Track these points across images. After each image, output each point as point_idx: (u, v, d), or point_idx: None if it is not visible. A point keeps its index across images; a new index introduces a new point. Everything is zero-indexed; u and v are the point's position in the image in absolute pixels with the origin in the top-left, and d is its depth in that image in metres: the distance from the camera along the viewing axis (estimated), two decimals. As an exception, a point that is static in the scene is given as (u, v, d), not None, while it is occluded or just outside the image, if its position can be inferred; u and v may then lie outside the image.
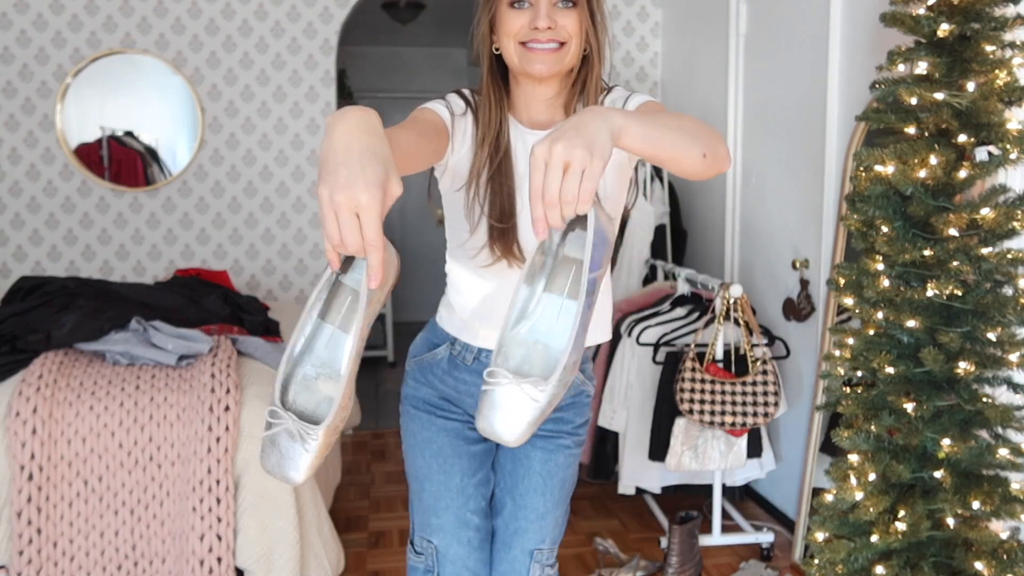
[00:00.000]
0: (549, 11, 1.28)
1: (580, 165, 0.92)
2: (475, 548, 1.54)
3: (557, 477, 1.53)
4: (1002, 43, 1.79)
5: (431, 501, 1.53)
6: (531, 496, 1.52)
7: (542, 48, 1.29)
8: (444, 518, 1.52)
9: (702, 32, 3.96)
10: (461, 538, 1.52)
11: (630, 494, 3.09)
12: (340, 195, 0.88)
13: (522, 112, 1.40)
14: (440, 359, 1.51)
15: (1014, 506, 1.82)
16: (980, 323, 1.81)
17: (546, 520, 1.54)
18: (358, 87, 6.74)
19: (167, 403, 2.26)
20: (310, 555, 2.30)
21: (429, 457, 1.52)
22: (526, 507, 1.53)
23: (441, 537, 1.52)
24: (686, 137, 1.08)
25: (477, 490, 1.53)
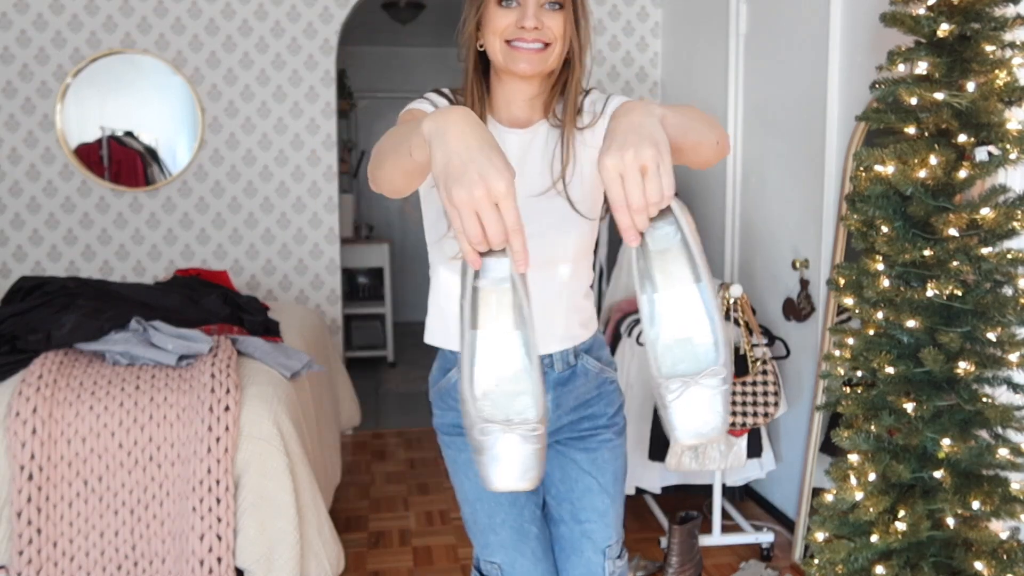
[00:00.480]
0: (536, 11, 1.30)
1: (654, 164, 0.93)
2: (540, 559, 1.52)
3: (608, 472, 1.52)
4: (1002, 43, 1.79)
5: (486, 520, 1.51)
6: (588, 497, 1.51)
7: (527, 47, 1.31)
8: (502, 533, 1.50)
9: (702, 32, 3.96)
10: (524, 551, 1.50)
11: (630, 494, 3.08)
12: (478, 191, 0.89)
13: (502, 110, 1.41)
14: (454, 383, 1.50)
15: (1014, 506, 1.82)
16: (980, 323, 1.81)
17: (608, 517, 1.53)
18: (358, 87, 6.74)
19: (167, 403, 2.26)
20: (310, 555, 2.30)
21: (474, 476, 1.48)
22: (586, 509, 1.52)
23: (504, 554, 1.50)
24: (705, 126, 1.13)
25: (529, 499, 1.51)
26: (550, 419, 1.46)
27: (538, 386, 1.00)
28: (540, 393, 1.00)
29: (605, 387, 1.53)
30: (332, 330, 4.38)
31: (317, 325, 3.59)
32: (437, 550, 3.01)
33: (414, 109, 1.35)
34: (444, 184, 0.92)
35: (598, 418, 1.52)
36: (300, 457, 2.35)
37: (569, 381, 1.49)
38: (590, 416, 1.51)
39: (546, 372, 1.47)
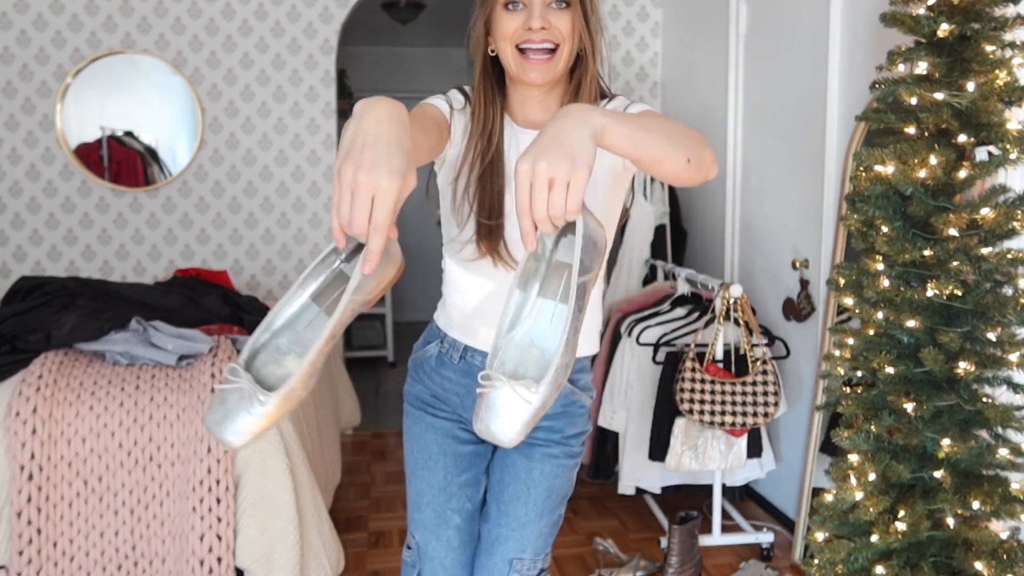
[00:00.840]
0: (543, 11, 1.29)
1: (565, 179, 0.94)
2: (453, 548, 1.53)
3: (542, 487, 1.50)
4: (1002, 43, 1.79)
5: (415, 496, 1.55)
6: (514, 504, 1.50)
7: (537, 48, 1.30)
8: (425, 513, 1.54)
9: (702, 32, 3.96)
10: (440, 536, 1.53)
11: (630, 494, 3.09)
12: (363, 175, 0.91)
13: (518, 112, 1.41)
14: (430, 356, 1.53)
15: (1014, 506, 1.82)
16: (980, 323, 1.81)
17: (527, 530, 1.50)
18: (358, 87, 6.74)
19: (167, 403, 2.26)
20: (310, 555, 2.30)
21: (416, 453, 1.54)
22: (508, 514, 1.51)
23: (422, 533, 1.55)
24: (670, 141, 1.09)
25: (461, 490, 1.53)
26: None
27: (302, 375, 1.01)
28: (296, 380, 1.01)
29: (572, 408, 1.50)
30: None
31: (317, 325, 3.58)
32: (437, 550, 3.01)
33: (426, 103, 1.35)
34: (340, 157, 0.93)
35: (553, 432, 1.49)
36: (300, 457, 2.35)
37: None
38: (546, 428, 1.49)
39: None
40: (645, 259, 3.62)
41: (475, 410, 1.06)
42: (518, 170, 0.95)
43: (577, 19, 1.32)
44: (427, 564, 1.55)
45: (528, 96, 1.39)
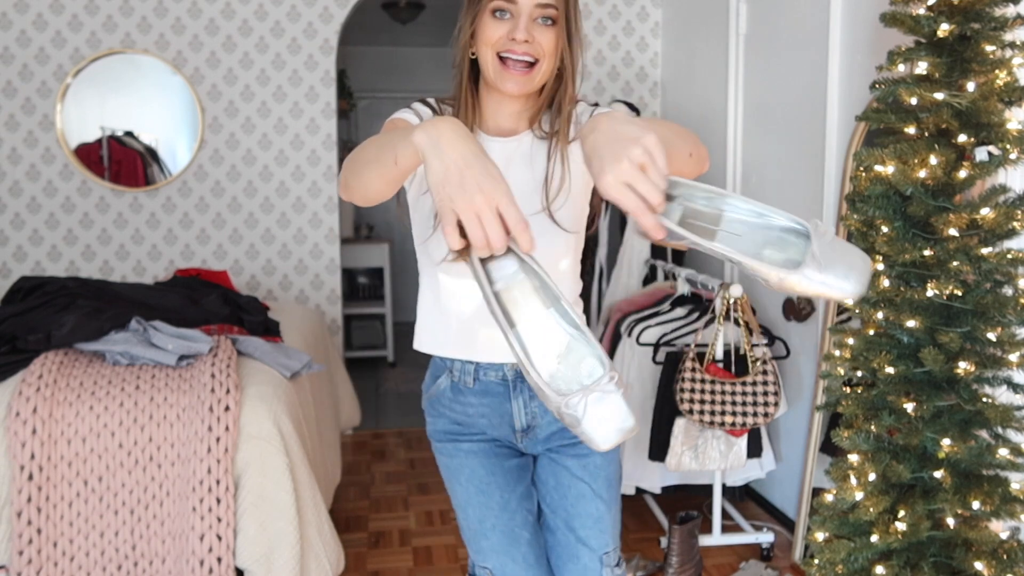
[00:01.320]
0: (528, 25, 1.31)
1: (646, 156, 0.96)
2: (531, 565, 1.49)
3: (601, 478, 1.50)
4: (1002, 43, 1.79)
5: (476, 524, 1.50)
6: (582, 504, 1.49)
7: (517, 60, 1.32)
8: (493, 538, 1.49)
9: (702, 32, 3.96)
10: (515, 556, 1.49)
11: (630, 494, 3.09)
12: (479, 197, 0.95)
13: (488, 119, 1.43)
14: (443, 389, 1.51)
15: (1014, 506, 1.82)
16: (980, 323, 1.81)
17: (604, 522, 1.50)
18: (358, 87, 6.74)
19: (167, 403, 2.26)
20: (310, 555, 2.30)
21: (465, 482, 1.50)
22: (581, 515, 1.49)
23: (495, 559, 1.49)
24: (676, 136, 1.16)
25: (521, 504, 1.50)
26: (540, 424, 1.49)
27: (592, 344, 1.05)
28: (597, 349, 1.05)
29: None
30: (332, 330, 4.38)
31: (317, 325, 3.59)
32: (437, 550, 3.01)
33: (397, 119, 1.37)
34: (444, 192, 0.97)
35: None
36: (300, 457, 2.35)
37: None
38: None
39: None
40: (645, 259, 3.62)
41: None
42: (608, 186, 0.96)
43: (560, 37, 1.34)
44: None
45: (502, 104, 1.41)
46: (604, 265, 3.73)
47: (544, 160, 1.40)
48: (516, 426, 1.49)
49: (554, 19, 1.32)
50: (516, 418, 1.48)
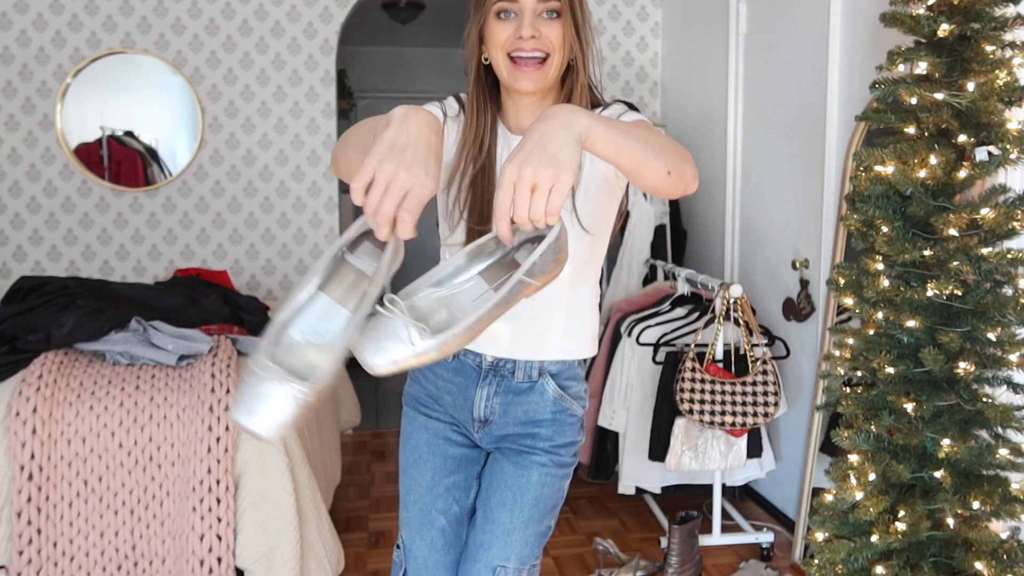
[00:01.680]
0: (533, 21, 1.32)
1: (547, 184, 0.96)
2: (437, 550, 1.53)
3: (529, 494, 1.47)
4: (1002, 43, 1.79)
5: (404, 495, 1.56)
6: (499, 510, 1.48)
7: (528, 57, 1.33)
8: (411, 512, 1.54)
9: (702, 32, 3.96)
10: (424, 536, 1.53)
11: (630, 494, 3.09)
12: (403, 171, 0.97)
13: (511, 119, 1.43)
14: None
15: (1014, 506, 1.82)
16: (980, 323, 1.81)
17: (512, 536, 1.48)
18: (358, 87, 6.74)
19: (167, 403, 2.26)
20: (310, 555, 2.30)
21: (407, 452, 1.55)
22: (493, 521, 1.48)
23: (407, 532, 1.55)
24: (653, 152, 1.10)
25: (448, 492, 1.52)
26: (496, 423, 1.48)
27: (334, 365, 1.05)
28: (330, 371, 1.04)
29: (562, 416, 1.48)
30: (332, 330, 4.37)
31: (317, 325, 3.58)
32: (437, 550, 3.01)
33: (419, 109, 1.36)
34: (379, 150, 0.99)
35: (542, 440, 1.48)
36: (300, 457, 2.35)
37: (523, 394, 1.47)
38: (534, 435, 1.48)
39: (505, 377, 1.47)
40: (645, 259, 3.62)
41: (364, 329, 1.06)
42: (504, 173, 0.97)
43: (568, 29, 1.34)
44: (411, 563, 1.55)
45: (521, 104, 1.41)
46: (604, 265, 3.73)
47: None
48: (475, 414, 1.49)
49: (558, 11, 1.33)
50: (476, 406, 1.49)
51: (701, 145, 3.97)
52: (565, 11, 1.33)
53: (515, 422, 1.48)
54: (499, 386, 1.47)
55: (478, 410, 1.49)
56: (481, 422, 1.50)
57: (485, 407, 1.48)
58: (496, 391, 1.47)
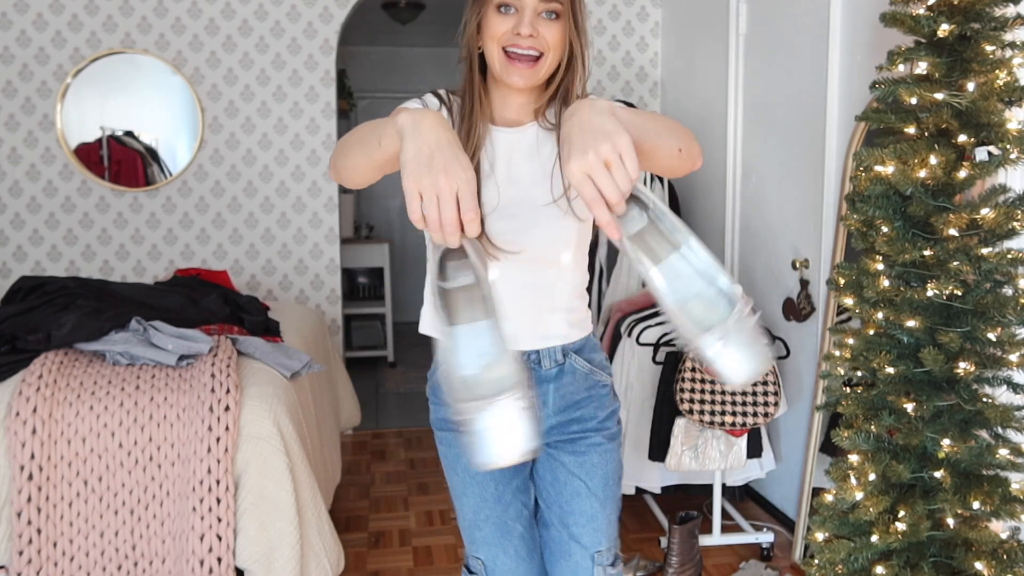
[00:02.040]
0: (533, 19, 1.33)
1: (615, 155, 0.98)
2: (523, 559, 1.51)
3: (597, 476, 1.50)
4: (1002, 43, 1.79)
5: (471, 515, 1.52)
6: (576, 500, 1.49)
7: (522, 54, 1.33)
8: (486, 529, 1.51)
9: (702, 32, 3.96)
10: (507, 548, 1.51)
11: (630, 494, 3.09)
12: (443, 178, 0.99)
13: (496, 111, 1.44)
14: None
15: (1014, 506, 1.82)
16: (980, 323, 1.81)
17: (598, 521, 1.50)
18: (358, 87, 6.74)
19: (167, 403, 2.26)
20: (310, 555, 2.30)
21: (462, 472, 1.52)
22: (574, 512, 1.50)
23: (487, 550, 1.51)
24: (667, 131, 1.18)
25: (516, 497, 1.51)
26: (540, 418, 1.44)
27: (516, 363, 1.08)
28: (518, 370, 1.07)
29: (596, 390, 1.51)
30: (332, 330, 4.38)
31: (317, 325, 3.59)
32: (437, 550, 3.01)
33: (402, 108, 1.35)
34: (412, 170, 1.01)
35: (587, 421, 1.50)
36: (300, 457, 2.35)
37: (556, 379, 1.48)
38: (579, 419, 1.50)
39: (534, 369, 1.47)
40: (645, 259, 3.62)
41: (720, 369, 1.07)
42: (570, 172, 0.99)
43: (566, 30, 1.36)
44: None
45: (509, 96, 1.42)
46: (604, 265, 3.73)
47: (550, 151, 1.41)
48: None
49: (558, 13, 1.34)
50: None
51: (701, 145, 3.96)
52: (566, 13, 1.34)
53: (555, 411, 1.49)
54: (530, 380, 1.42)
55: None
56: None
57: None
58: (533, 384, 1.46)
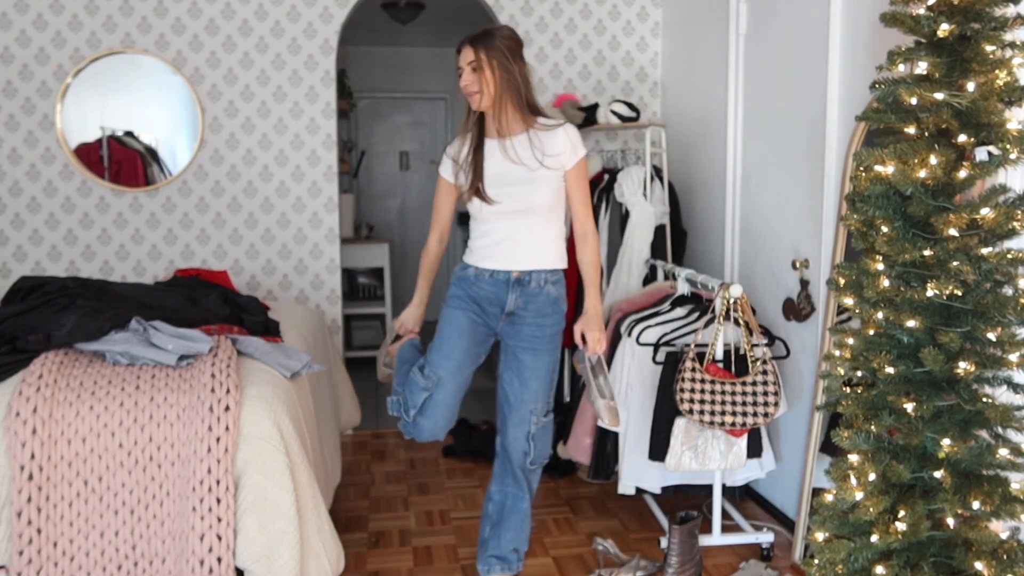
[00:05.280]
0: (466, 75, 2.43)
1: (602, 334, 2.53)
2: (459, 388, 2.52)
3: (544, 370, 2.56)
4: (1002, 43, 1.79)
5: (447, 350, 2.50)
6: (532, 382, 2.55)
7: (471, 92, 2.45)
8: (451, 361, 2.50)
9: (702, 32, 3.96)
10: (457, 377, 2.51)
11: (630, 494, 3.08)
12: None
13: (488, 124, 2.51)
14: (469, 273, 2.55)
15: (1014, 506, 1.82)
16: (980, 323, 1.81)
17: (539, 393, 2.57)
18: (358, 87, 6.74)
19: (167, 403, 2.26)
20: (310, 555, 2.30)
21: (453, 324, 2.52)
22: (527, 387, 2.55)
23: (446, 373, 2.49)
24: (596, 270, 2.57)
25: (472, 358, 2.54)
26: (519, 314, 2.53)
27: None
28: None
29: (557, 311, 2.55)
30: (332, 330, 4.38)
31: (317, 325, 3.59)
32: (437, 550, 3.01)
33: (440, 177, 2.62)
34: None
35: (546, 331, 2.55)
36: (300, 457, 2.35)
37: (536, 296, 2.51)
38: (542, 327, 2.54)
39: (525, 285, 2.50)
40: (645, 259, 3.62)
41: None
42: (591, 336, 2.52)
43: (487, 73, 2.40)
44: (440, 390, 2.49)
45: (489, 116, 2.49)
46: (604, 265, 3.73)
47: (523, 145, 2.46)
48: (505, 310, 2.52)
49: (477, 68, 2.41)
50: (508, 304, 2.51)
51: (701, 145, 3.97)
52: (483, 67, 2.40)
53: (531, 317, 2.52)
54: (522, 291, 2.50)
55: (509, 306, 2.51)
56: (508, 315, 2.52)
57: (514, 303, 2.51)
58: (520, 294, 2.50)
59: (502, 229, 2.47)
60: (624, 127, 3.91)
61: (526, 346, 2.53)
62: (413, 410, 2.53)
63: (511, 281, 2.48)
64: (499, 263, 2.49)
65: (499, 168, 2.45)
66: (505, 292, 2.49)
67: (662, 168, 3.85)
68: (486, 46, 2.39)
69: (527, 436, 2.58)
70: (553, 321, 2.54)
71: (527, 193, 2.44)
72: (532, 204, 2.45)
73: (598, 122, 3.96)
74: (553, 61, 4.49)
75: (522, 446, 2.59)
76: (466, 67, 2.40)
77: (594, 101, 4.29)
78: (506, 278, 2.48)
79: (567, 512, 3.33)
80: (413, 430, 2.55)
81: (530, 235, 2.47)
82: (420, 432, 2.53)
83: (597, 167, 3.97)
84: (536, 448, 2.61)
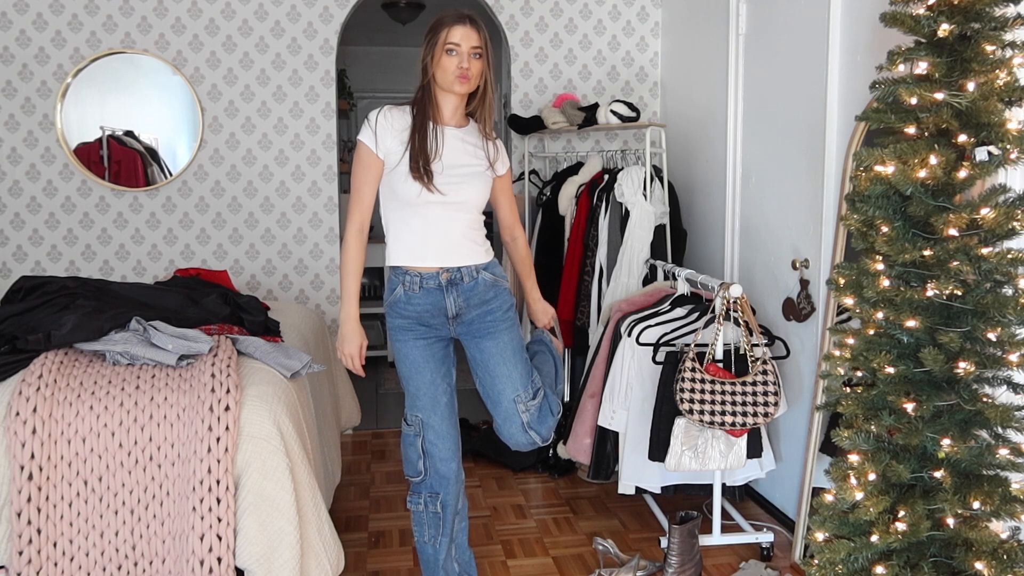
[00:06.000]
0: (469, 59, 2.27)
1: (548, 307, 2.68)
2: (445, 417, 2.42)
3: (510, 349, 2.41)
4: (1002, 43, 1.79)
5: (414, 390, 2.41)
6: (501, 367, 2.41)
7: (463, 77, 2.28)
8: (423, 400, 2.40)
9: (702, 32, 3.96)
10: (437, 411, 2.40)
11: (630, 494, 3.09)
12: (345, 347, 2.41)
13: (440, 110, 2.37)
14: (399, 297, 2.41)
15: (1014, 506, 1.82)
16: (980, 323, 1.81)
17: (514, 376, 2.41)
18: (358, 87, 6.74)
19: (167, 403, 2.26)
20: (310, 555, 2.30)
21: (409, 364, 2.40)
22: (500, 376, 2.41)
23: (424, 412, 2.40)
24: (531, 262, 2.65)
25: (443, 380, 2.42)
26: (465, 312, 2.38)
27: None
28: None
29: (499, 290, 2.42)
30: (332, 330, 4.38)
31: (317, 325, 3.59)
32: (437, 550, 3.01)
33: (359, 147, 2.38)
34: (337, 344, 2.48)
35: (496, 311, 2.41)
36: (300, 457, 2.35)
37: (473, 289, 2.37)
38: (490, 311, 2.40)
39: (458, 283, 2.36)
40: (645, 259, 3.62)
41: None
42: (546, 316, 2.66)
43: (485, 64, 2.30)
44: (428, 431, 2.40)
45: (447, 101, 2.36)
46: (604, 265, 3.73)
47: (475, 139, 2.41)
48: (449, 314, 2.37)
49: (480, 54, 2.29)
50: (449, 308, 2.37)
51: (701, 145, 3.97)
52: (484, 54, 2.29)
53: (476, 308, 2.39)
54: (458, 289, 2.36)
55: (451, 310, 2.37)
56: (453, 317, 2.38)
57: (454, 305, 2.37)
58: (458, 293, 2.36)
59: (434, 222, 2.32)
60: (624, 127, 3.91)
61: (482, 334, 2.39)
62: (419, 460, 2.42)
63: (443, 285, 2.34)
64: (428, 260, 2.33)
65: (455, 157, 2.33)
66: (441, 298, 2.34)
67: (662, 168, 3.85)
68: (486, 32, 2.31)
69: (522, 427, 2.43)
70: (499, 302, 2.39)
71: (473, 188, 2.34)
72: (472, 200, 2.35)
73: (598, 122, 3.96)
74: (553, 61, 4.49)
75: (521, 439, 2.46)
76: (468, 51, 2.25)
77: (594, 101, 4.29)
78: (436, 283, 2.34)
79: (567, 512, 3.34)
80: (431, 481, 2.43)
81: (461, 230, 2.35)
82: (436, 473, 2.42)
83: (597, 167, 3.97)
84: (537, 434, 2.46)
